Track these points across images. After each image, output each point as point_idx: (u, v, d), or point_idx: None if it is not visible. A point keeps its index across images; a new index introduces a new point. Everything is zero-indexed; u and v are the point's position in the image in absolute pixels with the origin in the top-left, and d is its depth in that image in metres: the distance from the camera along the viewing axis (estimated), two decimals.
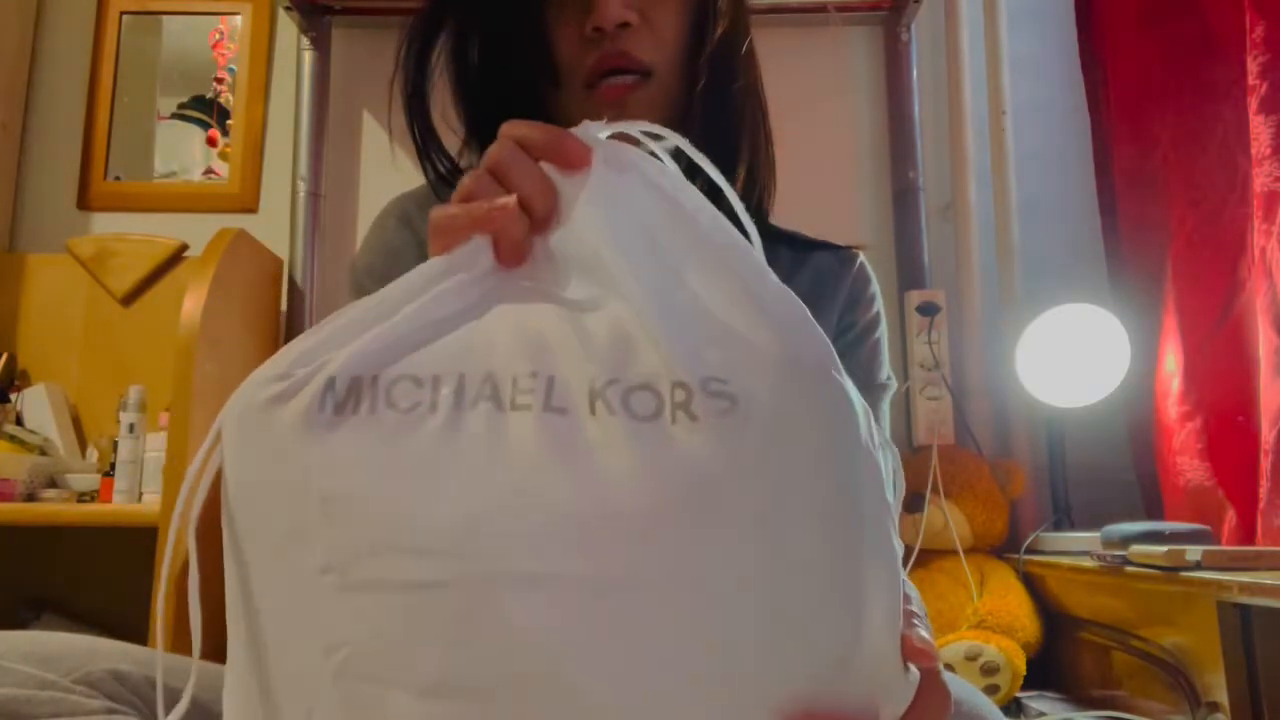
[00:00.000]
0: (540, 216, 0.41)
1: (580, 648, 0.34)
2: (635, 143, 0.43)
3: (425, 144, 0.68)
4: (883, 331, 0.74)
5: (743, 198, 0.67)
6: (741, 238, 0.41)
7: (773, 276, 0.39)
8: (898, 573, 0.37)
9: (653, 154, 0.43)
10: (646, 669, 0.34)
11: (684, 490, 0.34)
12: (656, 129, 0.43)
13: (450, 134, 0.70)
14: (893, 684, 0.36)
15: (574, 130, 0.42)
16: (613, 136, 0.43)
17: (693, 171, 0.44)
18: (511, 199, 0.40)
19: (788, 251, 0.73)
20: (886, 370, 0.73)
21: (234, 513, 0.38)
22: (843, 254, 0.75)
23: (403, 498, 0.35)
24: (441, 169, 0.69)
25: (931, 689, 0.38)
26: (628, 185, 0.41)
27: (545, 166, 0.41)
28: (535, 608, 0.34)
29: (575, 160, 0.41)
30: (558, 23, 0.65)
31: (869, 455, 0.37)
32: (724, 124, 0.67)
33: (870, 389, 0.71)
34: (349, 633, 0.35)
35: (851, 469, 0.36)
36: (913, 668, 0.37)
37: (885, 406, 0.72)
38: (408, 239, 0.71)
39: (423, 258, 0.41)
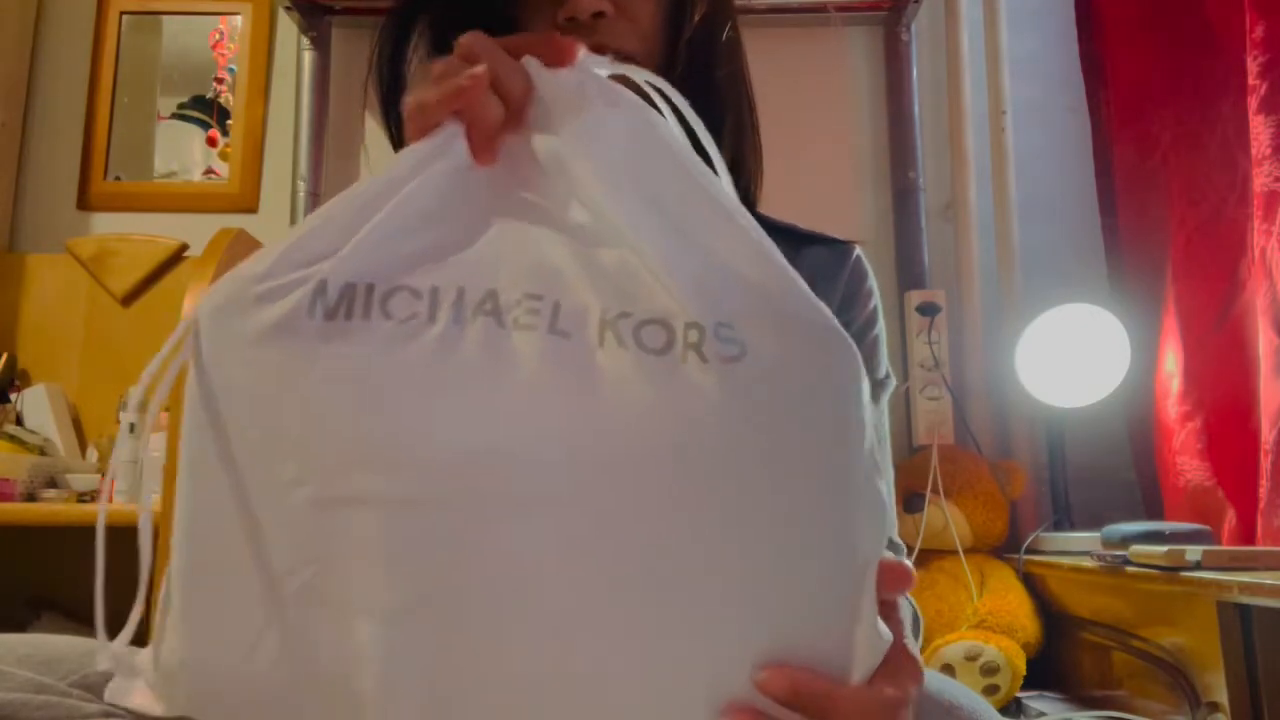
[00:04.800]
0: (515, 103, 0.39)
1: (564, 576, 0.33)
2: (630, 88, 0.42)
3: (404, 142, 0.68)
4: (881, 326, 0.73)
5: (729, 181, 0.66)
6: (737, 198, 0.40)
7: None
8: (884, 533, 0.37)
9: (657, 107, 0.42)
10: (631, 606, 0.34)
11: (690, 429, 0.34)
12: (652, 77, 0.42)
13: None
14: (866, 642, 0.36)
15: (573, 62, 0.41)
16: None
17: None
18: (481, 68, 0.38)
19: (780, 245, 0.72)
20: (885, 366, 0.72)
21: (197, 414, 0.36)
22: (838, 248, 0.73)
23: (395, 411, 0.34)
24: None
25: (902, 654, 0.38)
26: (624, 122, 0.40)
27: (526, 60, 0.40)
28: (526, 532, 0.33)
29: (559, 55, 0.40)
30: (529, 13, 0.62)
31: (863, 418, 0.37)
32: (706, 111, 0.66)
33: (872, 388, 0.70)
34: (317, 551, 0.34)
35: (850, 427, 0.36)
36: (884, 629, 0.37)
37: (884, 403, 0.71)
38: None
39: None
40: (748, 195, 0.69)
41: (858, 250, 0.74)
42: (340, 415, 0.34)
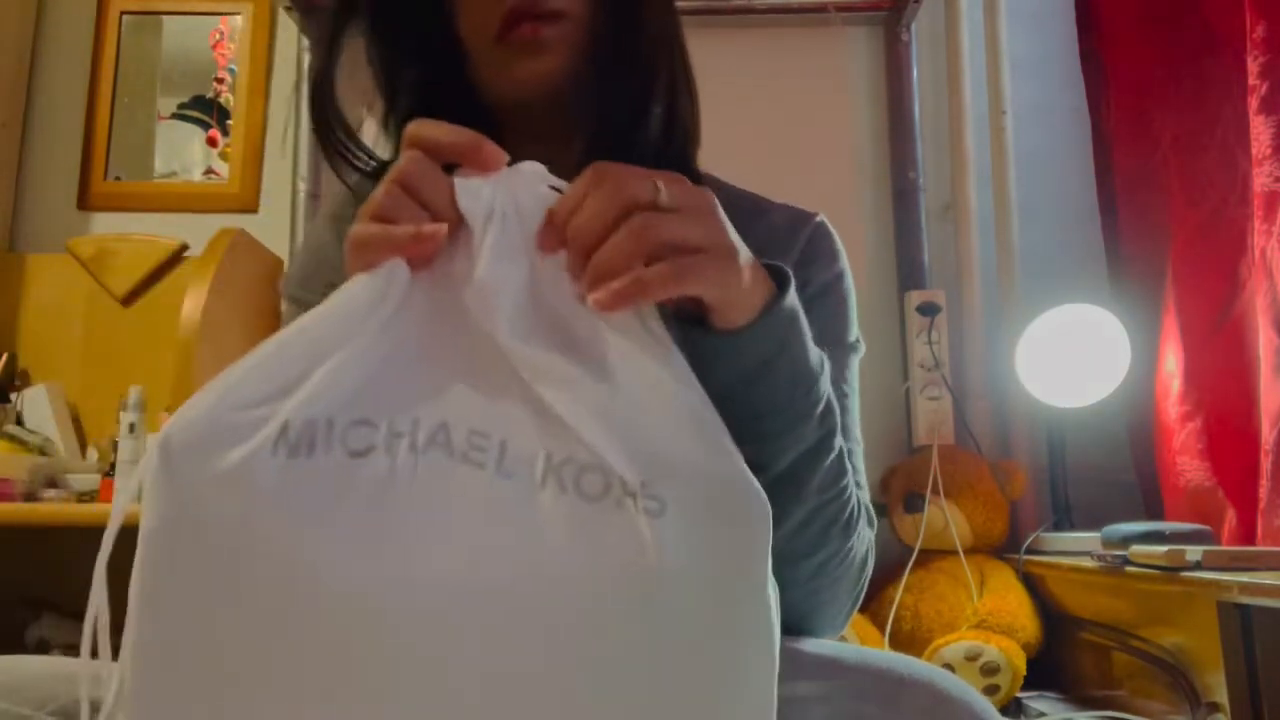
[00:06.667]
0: (443, 219, 0.43)
1: (500, 704, 0.36)
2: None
3: (332, 139, 0.67)
4: (848, 292, 0.71)
5: (663, 140, 0.64)
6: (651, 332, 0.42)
7: (689, 373, 0.42)
8: (773, 658, 0.39)
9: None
10: None
11: (616, 574, 0.37)
12: (561, 186, 0.44)
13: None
14: None
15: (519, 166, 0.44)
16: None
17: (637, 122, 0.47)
18: (442, 228, 0.42)
19: (734, 216, 0.69)
20: (855, 332, 0.71)
21: (154, 561, 0.37)
22: (799, 213, 0.72)
23: (348, 545, 0.36)
24: (361, 165, 0.68)
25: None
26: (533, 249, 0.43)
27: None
28: (463, 661, 0.36)
29: (484, 163, 0.43)
30: None
31: (766, 570, 0.39)
32: (637, 72, 0.64)
33: (839, 348, 0.68)
34: (269, 683, 0.36)
35: (753, 578, 0.39)
36: None
37: (855, 367, 0.70)
38: (331, 238, 0.68)
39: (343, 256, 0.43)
40: (684, 158, 0.66)
41: (820, 217, 0.73)
42: (296, 550, 0.36)
